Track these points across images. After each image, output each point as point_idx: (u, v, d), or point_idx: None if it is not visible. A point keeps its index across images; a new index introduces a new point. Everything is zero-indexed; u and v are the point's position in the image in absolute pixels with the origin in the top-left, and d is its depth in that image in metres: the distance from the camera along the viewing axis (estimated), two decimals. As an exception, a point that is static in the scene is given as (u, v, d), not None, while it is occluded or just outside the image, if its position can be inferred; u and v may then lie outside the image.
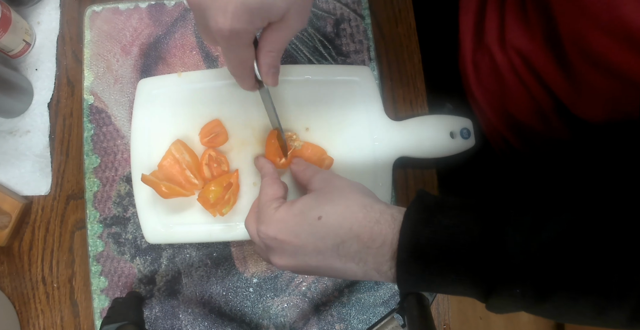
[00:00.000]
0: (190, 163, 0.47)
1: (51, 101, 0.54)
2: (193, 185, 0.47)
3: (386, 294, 0.51)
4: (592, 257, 0.26)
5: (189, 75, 0.50)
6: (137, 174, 0.47)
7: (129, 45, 0.55)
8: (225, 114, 0.50)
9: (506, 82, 0.49)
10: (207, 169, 0.47)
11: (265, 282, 0.51)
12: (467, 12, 0.54)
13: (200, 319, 0.50)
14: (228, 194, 0.46)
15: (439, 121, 0.50)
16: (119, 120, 0.53)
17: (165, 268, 0.51)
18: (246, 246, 0.52)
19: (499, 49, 0.49)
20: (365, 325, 0.51)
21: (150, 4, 0.55)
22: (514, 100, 0.50)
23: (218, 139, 0.48)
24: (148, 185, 0.44)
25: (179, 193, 0.45)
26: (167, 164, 0.46)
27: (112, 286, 0.51)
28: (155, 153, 0.48)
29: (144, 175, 0.44)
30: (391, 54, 0.55)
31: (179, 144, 0.47)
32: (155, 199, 0.47)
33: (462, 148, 0.50)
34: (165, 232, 0.48)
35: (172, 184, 0.45)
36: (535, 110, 0.48)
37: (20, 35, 0.53)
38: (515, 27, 0.46)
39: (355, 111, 0.50)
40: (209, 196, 0.44)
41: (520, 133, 0.52)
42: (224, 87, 0.50)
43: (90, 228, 0.52)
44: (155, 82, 0.50)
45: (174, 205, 0.48)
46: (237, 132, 0.49)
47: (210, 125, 0.49)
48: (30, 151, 0.53)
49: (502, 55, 0.48)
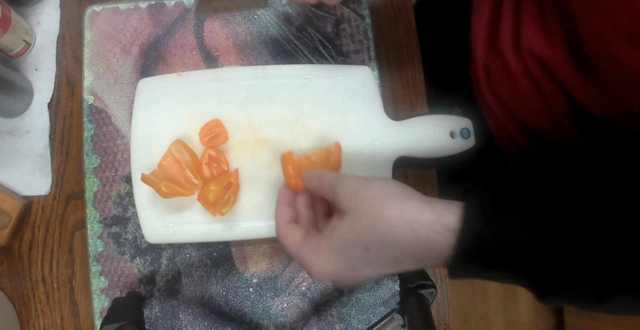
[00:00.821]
0: (190, 163, 0.47)
1: (51, 101, 0.54)
2: (193, 184, 0.47)
3: (386, 294, 0.51)
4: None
5: (189, 75, 0.50)
6: (137, 173, 0.47)
7: (129, 45, 0.55)
8: (225, 113, 0.50)
9: (520, 87, 0.49)
10: (207, 169, 0.47)
11: (265, 282, 0.51)
12: (480, 17, 0.54)
13: (200, 319, 0.50)
14: (228, 193, 0.46)
15: (439, 121, 0.50)
16: (119, 120, 0.53)
17: (165, 268, 0.51)
18: (246, 246, 0.52)
19: (513, 54, 0.48)
20: (365, 325, 0.51)
21: (150, 4, 0.55)
22: (528, 106, 0.49)
23: (218, 139, 0.48)
24: (148, 184, 0.44)
25: (179, 193, 0.45)
26: (167, 163, 0.46)
27: (112, 286, 0.51)
28: (155, 153, 0.48)
29: (143, 175, 0.44)
30: (391, 54, 0.55)
31: (179, 144, 0.47)
32: (155, 198, 0.47)
33: (462, 148, 0.50)
34: (165, 232, 0.48)
35: (172, 184, 0.45)
36: (550, 115, 0.47)
37: (20, 35, 0.53)
38: (533, 33, 0.45)
39: (355, 111, 0.50)
40: (209, 196, 0.44)
41: (533, 138, 0.52)
42: (224, 87, 0.50)
43: (90, 228, 0.52)
44: (155, 82, 0.50)
45: (174, 205, 0.48)
46: (237, 132, 0.49)
47: (210, 125, 0.49)
48: (30, 151, 0.53)
49: (517, 60, 0.48)
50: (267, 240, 0.52)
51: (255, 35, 0.55)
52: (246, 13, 0.55)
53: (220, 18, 0.55)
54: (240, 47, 0.55)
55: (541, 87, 0.46)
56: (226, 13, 0.55)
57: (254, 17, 0.55)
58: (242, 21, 0.55)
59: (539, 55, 0.45)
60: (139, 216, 0.48)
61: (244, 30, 0.55)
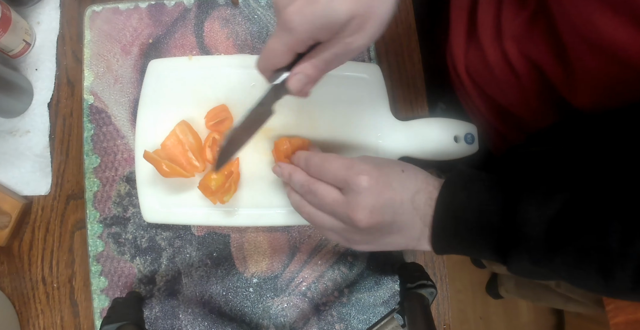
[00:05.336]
0: (194, 145, 0.47)
1: (51, 101, 0.54)
2: (194, 167, 0.47)
3: (386, 294, 0.51)
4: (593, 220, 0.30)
5: (200, 60, 0.50)
6: (140, 151, 0.47)
7: (129, 45, 0.55)
8: (232, 100, 0.50)
9: (498, 74, 0.49)
10: (209, 152, 0.47)
11: (265, 282, 0.51)
12: (459, 10, 0.55)
13: (200, 319, 0.50)
14: (229, 182, 0.46)
15: (445, 124, 0.50)
16: (119, 120, 0.53)
17: (165, 268, 0.51)
18: (246, 246, 0.52)
19: (493, 42, 0.49)
20: (365, 325, 0.51)
21: (150, 4, 0.55)
22: (506, 92, 0.50)
23: (223, 124, 0.49)
24: (149, 162, 0.44)
25: (180, 173, 0.45)
26: (170, 144, 0.46)
27: (112, 286, 0.51)
28: (160, 132, 0.48)
29: (146, 152, 0.44)
30: (391, 54, 0.55)
31: (184, 125, 0.47)
32: (156, 178, 0.47)
33: (465, 153, 0.50)
34: (164, 212, 0.48)
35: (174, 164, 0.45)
36: (528, 101, 0.48)
37: (20, 35, 0.53)
38: (513, 16, 0.46)
39: (361, 107, 0.50)
40: (210, 184, 0.44)
41: (514, 126, 0.53)
42: (233, 74, 0.50)
43: (90, 228, 0.52)
44: (166, 64, 0.51)
45: (175, 187, 0.48)
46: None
47: (217, 109, 0.49)
48: (30, 151, 0.53)
49: (497, 47, 0.49)
50: (267, 241, 0.52)
51: (255, 35, 0.55)
52: (246, 13, 0.55)
53: (220, 18, 0.55)
54: (240, 47, 0.55)
55: (518, 73, 0.47)
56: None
57: (254, 17, 0.55)
58: (242, 21, 0.55)
59: (519, 41, 0.46)
60: (138, 195, 0.48)
61: (244, 30, 0.55)
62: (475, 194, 0.34)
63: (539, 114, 0.49)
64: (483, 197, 0.34)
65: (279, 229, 0.52)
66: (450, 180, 0.36)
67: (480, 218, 0.34)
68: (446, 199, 0.35)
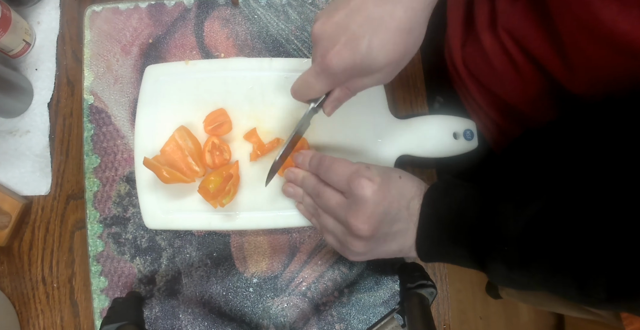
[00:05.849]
0: (193, 150, 0.47)
1: (51, 101, 0.54)
2: (194, 172, 0.47)
3: (386, 294, 0.51)
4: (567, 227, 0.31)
5: (197, 64, 0.50)
6: (140, 157, 0.47)
7: (129, 45, 0.55)
8: (230, 103, 0.50)
9: (496, 66, 0.49)
10: (209, 156, 0.47)
11: (265, 282, 0.51)
12: (455, 2, 0.55)
13: (200, 319, 0.50)
14: (229, 185, 0.46)
15: (443, 121, 0.50)
16: (119, 120, 0.53)
17: (165, 268, 0.51)
18: (246, 246, 0.52)
19: (489, 34, 0.49)
20: (365, 325, 0.51)
21: (150, 4, 0.55)
22: (504, 84, 0.50)
23: (222, 128, 0.48)
24: (149, 168, 0.44)
25: (180, 179, 0.45)
26: (170, 149, 0.46)
27: (112, 286, 0.51)
28: (159, 137, 0.48)
29: (146, 159, 0.44)
30: (391, 54, 0.55)
31: (182, 131, 0.47)
32: (157, 184, 0.47)
33: (465, 149, 0.50)
34: (165, 218, 0.48)
35: (174, 170, 0.45)
36: (526, 93, 0.48)
37: (20, 35, 0.53)
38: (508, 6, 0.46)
39: (359, 107, 0.50)
40: (208, 186, 0.44)
41: (513, 119, 0.53)
42: (231, 78, 0.50)
43: (90, 228, 0.52)
44: (163, 69, 0.51)
45: (175, 192, 0.48)
46: (241, 122, 0.49)
47: (215, 114, 0.49)
48: (30, 151, 0.53)
49: (493, 39, 0.49)
50: (267, 241, 0.52)
51: (255, 35, 0.55)
52: (246, 13, 0.55)
53: (220, 18, 0.55)
54: (240, 47, 0.55)
55: (517, 64, 0.47)
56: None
57: (254, 17, 0.55)
58: (242, 21, 0.55)
59: (512, 28, 0.46)
60: (139, 201, 0.48)
61: (244, 30, 0.55)
62: (456, 198, 0.36)
63: (539, 106, 0.49)
64: (463, 200, 0.36)
65: (279, 230, 0.52)
66: (434, 186, 0.38)
67: (460, 220, 0.35)
68: (430, 202, 0.37)
